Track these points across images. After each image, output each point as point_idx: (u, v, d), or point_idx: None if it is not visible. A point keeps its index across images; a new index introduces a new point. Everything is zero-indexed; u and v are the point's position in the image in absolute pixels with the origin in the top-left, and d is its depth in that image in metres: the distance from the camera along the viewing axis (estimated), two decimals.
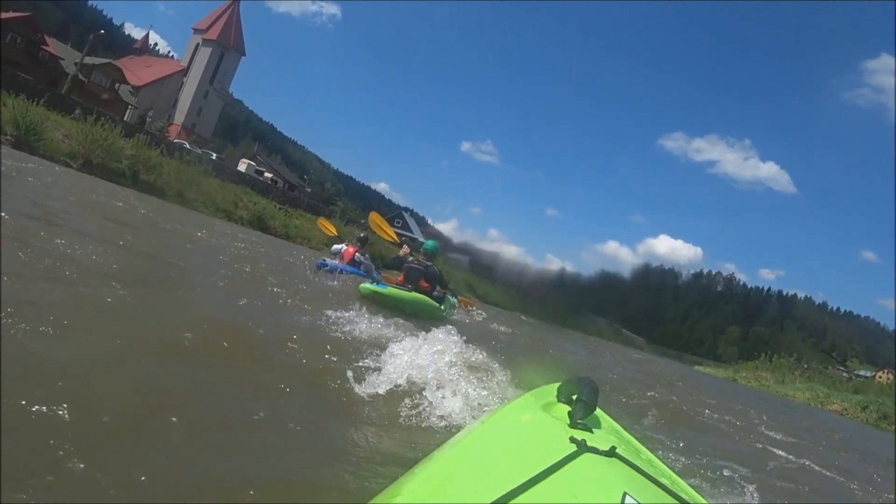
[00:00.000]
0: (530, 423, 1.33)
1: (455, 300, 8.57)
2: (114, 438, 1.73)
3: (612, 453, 1.06)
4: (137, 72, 59.97)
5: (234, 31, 65.02)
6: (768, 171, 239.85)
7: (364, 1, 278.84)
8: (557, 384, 1.57)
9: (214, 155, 40.06)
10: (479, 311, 9.99)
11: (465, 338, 3.98)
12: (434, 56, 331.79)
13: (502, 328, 9.58)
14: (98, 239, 5.29)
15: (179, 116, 62.32)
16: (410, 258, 7.56)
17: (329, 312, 4.68)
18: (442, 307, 7.54)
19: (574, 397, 1.38)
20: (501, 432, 1.32)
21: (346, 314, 4.69)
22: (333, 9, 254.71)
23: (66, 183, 13.17)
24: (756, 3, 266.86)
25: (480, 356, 3.86)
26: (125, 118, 45.59)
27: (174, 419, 1.95)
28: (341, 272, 9.18)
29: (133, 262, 5.04)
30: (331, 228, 12.76)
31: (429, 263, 7.43)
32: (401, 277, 7.40)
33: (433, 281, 7.36)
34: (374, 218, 10.31)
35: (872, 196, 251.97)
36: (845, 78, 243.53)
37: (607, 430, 1.38)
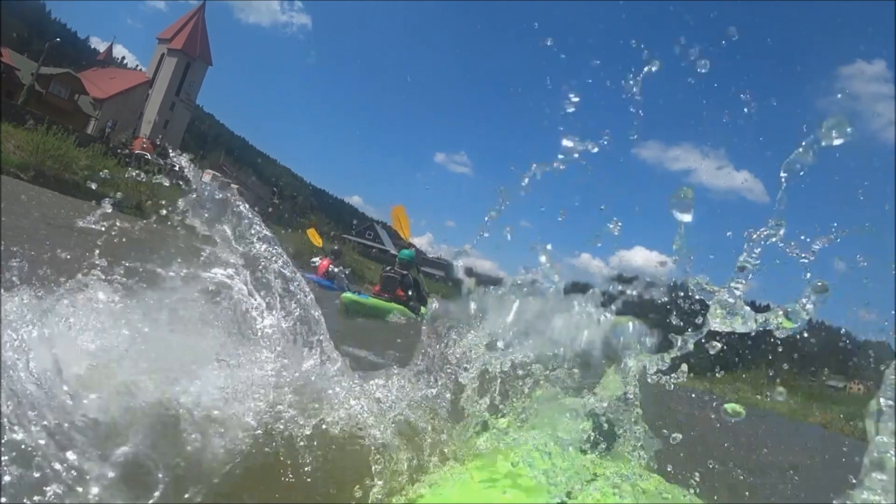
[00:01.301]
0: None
1: (429, 311, 8.09)
2: None
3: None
4: (101, 84, 58.29)
5: (199, 39, 63.68)
6: (742, 179, 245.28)
7: (335, 5, 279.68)
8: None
9: (177, 166, 38.57)
10: None
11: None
12: (405, 66, 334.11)
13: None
14: None
15: (146, 129, 60.61)
16: (388, 268, 7.85)
17: None
18: (419, 315, 7.51)
19: None
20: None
21: None
22: (304, 19, 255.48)
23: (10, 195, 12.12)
24: (730, 10, 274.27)
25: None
26: (89, 131, 44.23)
27: None
28: (318, 286, 9.54)
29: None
30: (317, 239, 13.07)
31: (405, 272, 7.66)
32: (377, 287, 7.58)
33: (408, 289, 7.56)
34: (397, 212, 10.58)
35: (843, 205, 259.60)
36: (820, 84, 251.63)
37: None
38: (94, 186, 25.21)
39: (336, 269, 10.68)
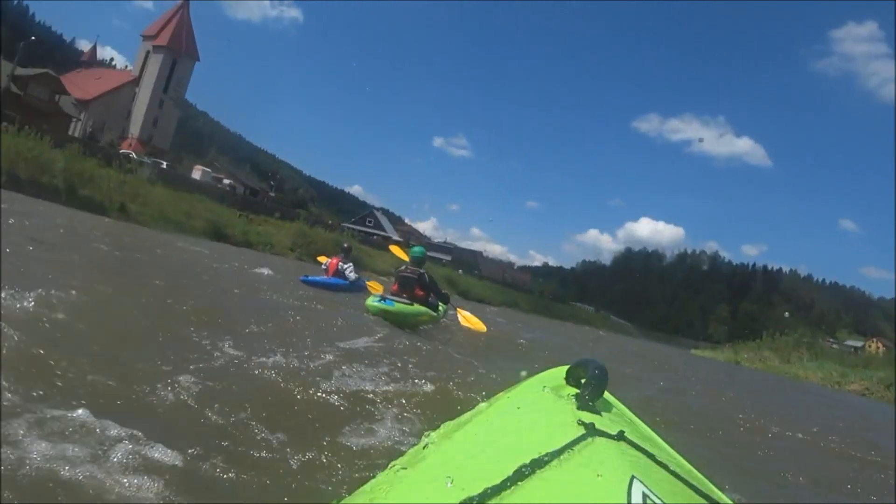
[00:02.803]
0: (537, 405, 1.33)
1: (446, 307, 8.61)
2: None
3: (620, 437, 1.05)
4: (85, 85, 56.95)
5: (185, 35, 61.95)
6: (744, 146, 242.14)
7: (325, 1, 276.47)
8: (566, 367, 1.52)
9: (165, 163, 37.33)
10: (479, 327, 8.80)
11: None
12: (399, 52, 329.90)
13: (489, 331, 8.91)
14: None
15: (134, 128, 59.25)
16: (403, 267, 7.80)
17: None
18: (438, 312, 7.84)
19: (583, 381, 1.34)
20: (508, 414, 1.35)
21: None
22: (294, 12, 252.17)
23: None
24: None
25: None
26: (72, 132, 42.95)
27: None
28: (331, 285, 10.28)
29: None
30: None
31: (421, 271, 7.59)
32: (395, 287, 7.57)
33: (427, 288, 7.53)
34: (393, 249, 11.52)
35: (846, 165, 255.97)
36: (813, 48, 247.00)
37: (616, 415, 1.37)
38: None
39: (346, 267, 10.79)
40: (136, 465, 1.78)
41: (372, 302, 6.88)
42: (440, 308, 8.00)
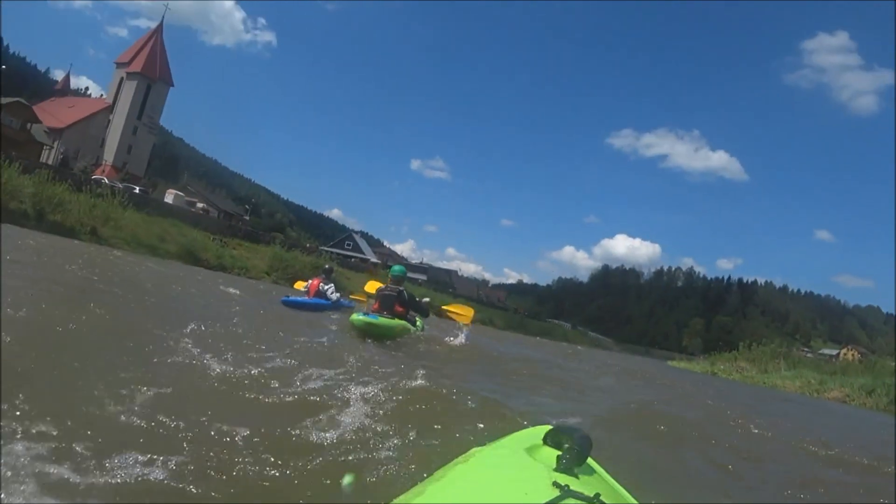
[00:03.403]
0: (513, 464, 1.33)
1: (423, 322, 9.00)
2: None
3: (595, 500, 1.04)
4: (58, 114, 56.77)
5: (159, 61, 62.08)
6: (719, 160, 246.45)
7: (299, 18, 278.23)
8: (542, 428, 1.58)
9: (138, 188, 37.14)
10: (466, 327, 9.14)
11: None
12: (375, 75, 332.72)
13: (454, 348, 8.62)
14: None
15: (109, 155, 58.82)
16: (383, 285, 8.23)
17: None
18: (417, 326, 8.23)
19: (565, 445, 1.37)
20: (484, 474, 1.32)
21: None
22: (268, 36, 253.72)
23: None
24: None
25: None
26: (45, 160, 42.57)
27: None
28: (313, 306, 10.47)
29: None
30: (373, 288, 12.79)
31: (400, 288, 7.97)
32: (376, 305, 7.95)
33: (406, 305, 7.91)
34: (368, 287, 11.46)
35: (821, 177, 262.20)
36: (785, 60, 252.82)
37: (595, 478, 1.36)
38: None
39: (327, 288, 11.01)
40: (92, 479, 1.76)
41: (356, 316, 7.20)
42: (418, 322, 8.45)
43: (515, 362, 8.50)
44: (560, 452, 1.32)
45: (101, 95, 69.86)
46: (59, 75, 78.62)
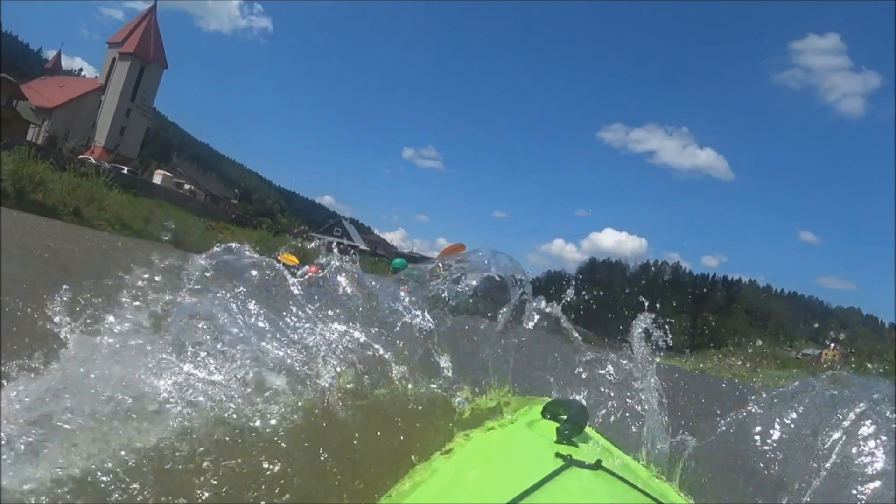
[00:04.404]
0: (516, 439, 1.37)
1: None
2: None
3: (597, 466, 1.07)
4: (48, 93, 56.32)
5: (152, 42, 61.64)
6: (706, 157, 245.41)
7: (296, 4, 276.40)
8: (540, 402, 1.64)
9: (126, 169, 37.09)
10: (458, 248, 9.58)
11: None
12: (369, 63, 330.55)
13: None
14: None
15: (100, 137, 58.51)
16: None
17: None
18: None
19: (563, 417, 1.40)
20: (487, 449, 1.36)
21: None
22: (264, 22, 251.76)
23: None
24: None
25: None
26: (33, 139, 42.36)
27: None
28: None
29: None
30: (292, 259, 12.99)
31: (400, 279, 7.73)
32: None
33: None
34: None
35: (806, 176, 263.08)
36: (774, 60, 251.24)
37: (594, 445, 1.39)
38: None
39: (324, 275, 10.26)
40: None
41: None
42: None
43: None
44: (559, 425, 1.35)
45: (96, 77, 69.41)
46: (51, 55, 77.89)
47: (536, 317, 2.98)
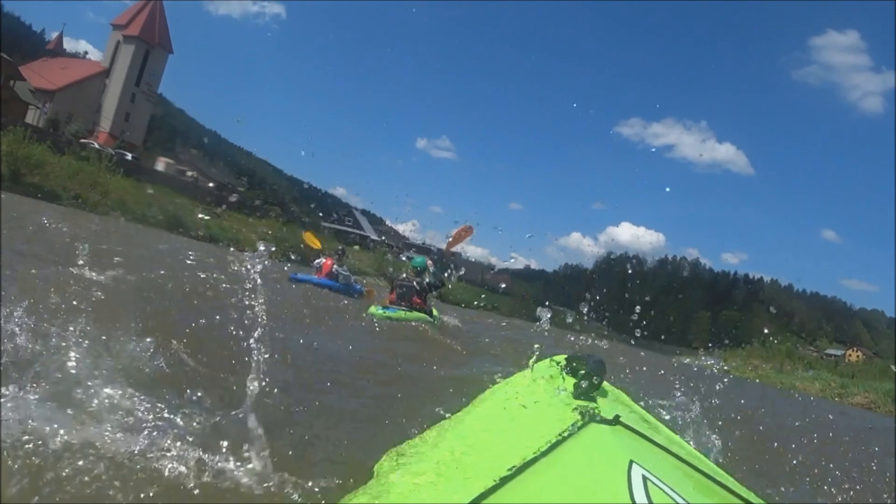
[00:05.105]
0: (535, 394, 1.35)
1: (438, 314, 8.96)
2: None
3: (616, 421, 1.07)
4: (50, 75, 54.43)
5: (158, 25, 59.68)
6: (725, 152, 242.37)
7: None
8: (561, 358, 1.58)
9: (129, 155, 35.46)
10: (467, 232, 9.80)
11: None
12: (383, 52, 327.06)
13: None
14: None
15: (105, 122, 56.71)
16: (402, 276, 8.21)
17: None
18: (434, 318, 8.15)
19: (581, 372, 1.39)
20: (507, 404, 1.36)
21: None
22: (277, 8, 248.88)
23: None
24: None
25: None
26: (34, 121, 40.74)
27: None
28: (322, 286, 10.43)
29: None
30: (316, 242, 12.79)
31: (418, 279, 8.01)
32: (393, 295, 8.01)
33: (424, 297, 8.01)
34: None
35: (829, 176, 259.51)
36: (794, 56, 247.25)
37: (613, 401, 1.39)
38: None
39: (340, 269, 11.01)
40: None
41: (375, 310, 7.57)
42: (434, 313, 8.41)
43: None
44: (576, 381, 1.33)
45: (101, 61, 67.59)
46: (54, 36, 75.96)
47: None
